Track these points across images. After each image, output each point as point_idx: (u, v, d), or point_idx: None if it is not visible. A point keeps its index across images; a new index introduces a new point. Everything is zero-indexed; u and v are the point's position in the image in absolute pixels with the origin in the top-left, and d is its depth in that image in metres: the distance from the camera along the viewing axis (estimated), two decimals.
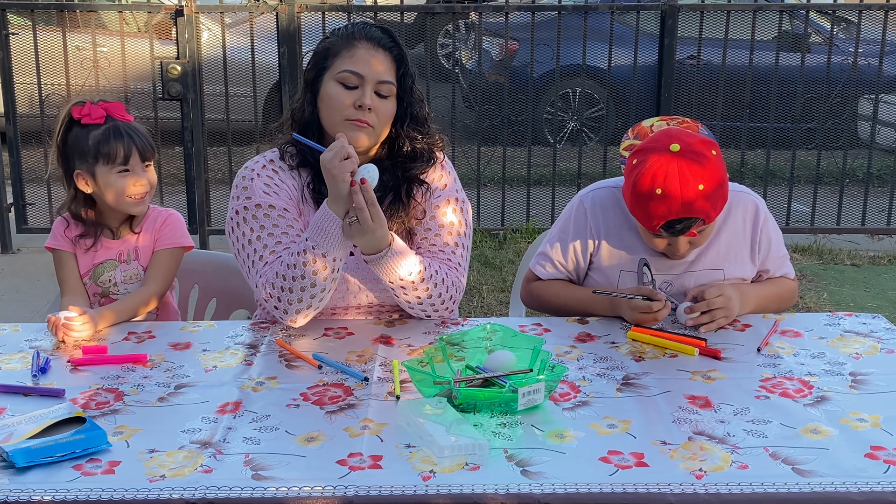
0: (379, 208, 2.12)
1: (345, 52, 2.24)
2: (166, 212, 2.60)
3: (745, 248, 2.40)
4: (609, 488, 1.56)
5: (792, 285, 2.50)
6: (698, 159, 2.16)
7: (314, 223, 2.17)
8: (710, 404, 1.85)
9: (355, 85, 2.22)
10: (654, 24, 5.92)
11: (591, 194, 2.46)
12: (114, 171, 2.43)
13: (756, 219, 2.41)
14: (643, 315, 2.24)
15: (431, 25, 6.54)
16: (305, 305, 2.20)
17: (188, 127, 5.52)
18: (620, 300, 2.28)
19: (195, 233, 5.68)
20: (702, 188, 2.15)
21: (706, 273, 2.37)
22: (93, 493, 1.55)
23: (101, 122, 2.45)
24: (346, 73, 2.22)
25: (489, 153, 6.24)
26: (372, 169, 2.12)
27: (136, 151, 2.45)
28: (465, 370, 1.96)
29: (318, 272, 2.16)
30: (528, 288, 2.54)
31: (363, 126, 2.22)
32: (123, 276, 2.51)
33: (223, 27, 5.60)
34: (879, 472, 1.61)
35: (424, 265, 2.25)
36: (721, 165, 2.21)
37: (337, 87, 2.23)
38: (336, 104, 2.23)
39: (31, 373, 2.01)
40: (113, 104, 2.49)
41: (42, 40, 5.66)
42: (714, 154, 2.20)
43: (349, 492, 1.54)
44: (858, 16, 5.93)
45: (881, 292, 5.13)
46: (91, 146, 2.43)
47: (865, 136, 6.62)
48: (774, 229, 2.44)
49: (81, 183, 2.46)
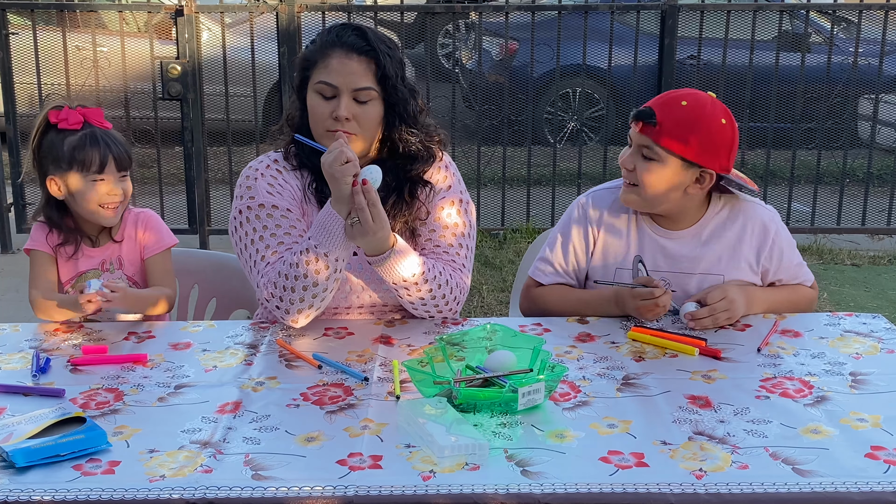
0: (381, 209, 2.12)
1: (320, 63, 2.23)
2: (143, 214, 2.53)
3: (750, 258, 2.38)
4: (609, 488, 1.56)
5: (808, 293, 2.47)
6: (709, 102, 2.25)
7: (317, 222, 2.17)
8: (710, 404, 1.85)
9: (332, 95, 2.22)
10: (654, 23, 5.92)
11: (591, 195, 2.47)
12: (87, 178, 2.37)
13: (765, 233, 2.38)
14: (645, 302, 2.23)
15: (431, 25, 6.53)
16: (307, 305, 2.20)
17: (188, 127, 5.52)
18: (624, 295, 2.28)
19: (195, 233, 5.68)
20: (684, 104, 2.23)
21: (705, 277, 2.36)
22: (93, 493, 1.55)
23: (78, 127, 2.38)
24: (321, 85, 2.22)
25: (489, 153, 6.24)
26: (375, 170, 2.12)
27: (112, 160, 2.38)
28: (465, 370, 1.96)
29: (320, 272, 2.16)
30: (528, 295, 2.50)
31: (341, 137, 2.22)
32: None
33: (223, 27, 5.59)
34: (879, 472, 1.61)
35: (427, 266, 2.25)
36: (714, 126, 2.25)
37: (316, 97, 2.23)
38: (316, 116, 2.24)
39: (31, 373, 2.01)
40: (91, 110, 2.42)
41: (42, 40, 5.65)
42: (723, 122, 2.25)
43: (349, 492, 1.54)
44: (858, 16, 5.93)
45: (881, 292, 5.13)
46: (66, 152, 2.36)
47: (865, 136, 6.62)
48: (787, 242, 2.42)
49: (53, 188, 2.40)
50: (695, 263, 2.36)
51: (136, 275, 2.51)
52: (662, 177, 2.26)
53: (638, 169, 2.27)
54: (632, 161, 2.29)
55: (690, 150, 2.22)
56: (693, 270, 2.37)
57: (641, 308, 2.24)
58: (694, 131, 2.22)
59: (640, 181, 2.28)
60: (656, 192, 2.28)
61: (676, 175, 2.26)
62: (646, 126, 2.24)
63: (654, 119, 2.22)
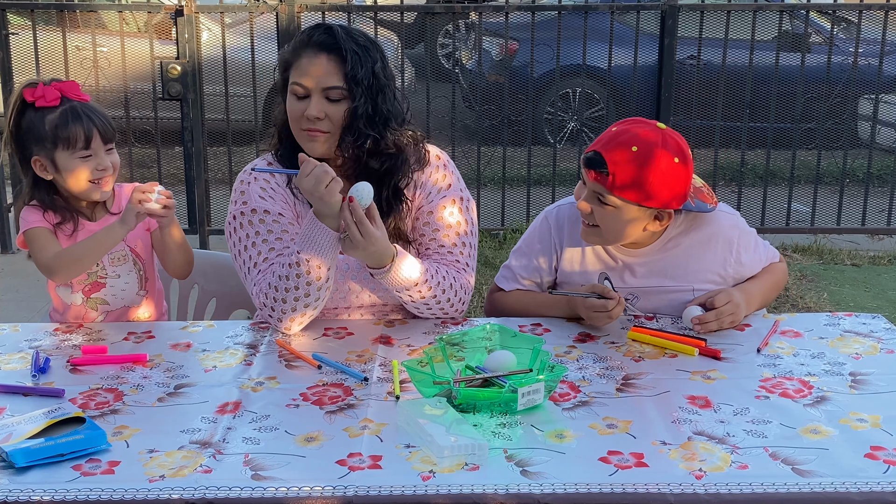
0: (368, 224, 2.11)
1: (294, 64, 2.25)
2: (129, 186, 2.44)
3: (716, 267, 2.36)
4: (609, 488, 1.56)
5: (781, 266, 2.50)
6: (659, 143, 2.16)
7: (303, 233, 2.18)
8: (709, 404, 1.85)
9: (304, 95, 2.23)
10: (654, 24, 5.92)
11: (556, 210, 2.46)
12: (75, 155, 2.28)
13: (728, 242, 2.36)
14: (598, 314, 2.23)
15: (431, 25, 6.54)
16: (299, 313, 2.21)
17: (188, 127, 5.52)
18: (577, 300, 2.28)
19: (195, 233, 5.68)
20: (634, 150, 2.14)
21: (672, 289, 2.35)
22: (92, 493, 1.55)
23: (56, 104, 2.29)
24: (294, 86, 2.24)
25: (489, 153, 6.24)
26: (363, 187, 2.11)
27: (97, 133, 2.29)
28: (464, 370, 1.96)
29: (310, 282, 2.18)
30: (490, 299, 2.53)
31: (315, 136, 2.23)
32: (111, 259, 2.41)
33: (223, 27, 5.60)
34: (879, 472, 1.61)
35: (431, 272, 2.25)
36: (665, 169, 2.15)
37: (291, 98, 2.25)
38: (291, 116, 2.26)
39: (31, 373, 2.01)
40: (67, 83, 2.33)
41: (42, 40, 5.65)
42: (676, 161, 2.16)
43: (349, 492, 1.54)
44: (858, 16, 5.93)
45: (881, 292, 5.13)
46: (48, 131, 2.27)
47: (865, 136, 6.62)
48: (749, 239, 2.40)
49: (39, 169, 2.31)
50: (660, 278, 2.35)
51: (139, 246, 2.45)
52: (620, 219, 2.24)
53: (595, 212, 2.25)
54: (588, 205, 2.26)
55: (645, 197, 2.18)
56: (660, 284, 2.35)
57: (593, 318, 2.24)
58: (647, 179, 2.15)
59: (598, 223, 2.27)
60: (616, 233, 2.27)
61: (634, 217, 2.23)
62: (598, 175, 2.20)
63: (606, 170, 2.17)
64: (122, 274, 2.43)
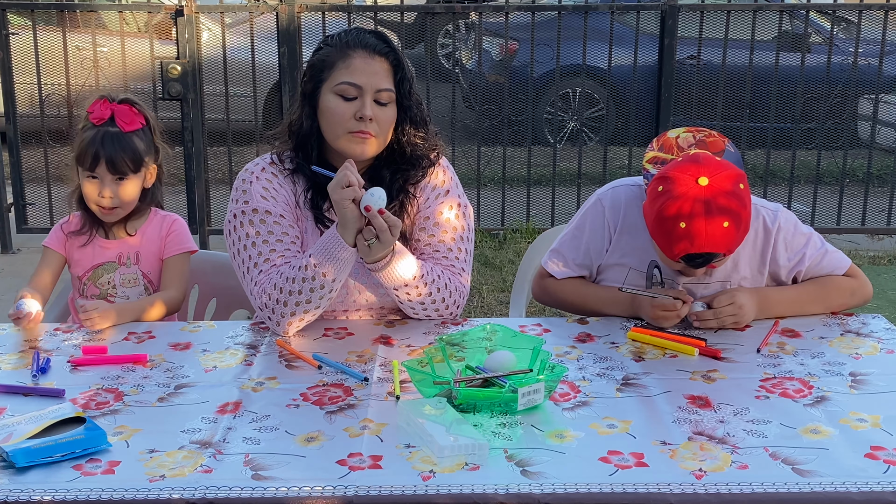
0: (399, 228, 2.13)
1: (340, 63, 2.23)
2: (170, 217, 2.60)
3: (754, 261, 2.36)
4: (609, 488, 1.56)
5: (841, 281, 2.40)
6: (726, 197, 2.11)
7: (321, 244, 2.17)
8: (710, 404, 1.85)
9: (354, 96, 2.21)
10: (654, 24, 5.92)
11: (611, 192, 2.43)
12: (84, 174, 2.45)
13: (766, 234, 2.35)
14: (664, 313, 2.22)
15: (431, 25, 6.53)
16: (298, 318, 2.21)
17: (188, 127, 5.52)
18: (643, 300, 2.27)
19: (195, 233, 5.67)
20: (726, 225, 2.10)
21: (716, 284, 2.34)
22: (93, 493, 1.55)
23: (100, 122, 2.44)
24: (344, 86, 2.21)
25: (489, 153, 6.24)
26: (377, 192, 2.10)
27: (103, 161, 2.42)
28: (464, 370, 1.96)
29: (314, 290, 2.17)
30: (542, 284, 2.50)
31: (366, 137, 2.22)
32: (122, 279, 2.51)
33: (223, 27, 5.60)
34: (879, 472, 1.61)
35: (426, 270, 2.25)
36: (747, 200, 2.16)
37: (336, 99, 2.22)
38: (337, 117, 2.22)
39: (31, 373, 2.01)
40: (121, 108, 2.45)
41: (42, 40, 5.65)
42: (741, 188, 2.15)
43: (349, 492, 1.54)
44: (858, 16, 5.94)
45: (881, 292, 5.13)
46: (77, 143, 2.45)
47: (865, 136, 6.62)
48: (796, 234, 2.37)
49: (74, 174, 2.49)
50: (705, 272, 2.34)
51: (152, 273, 2.55)
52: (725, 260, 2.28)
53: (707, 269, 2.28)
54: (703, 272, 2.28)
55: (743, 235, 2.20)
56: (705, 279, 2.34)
57: (658, 316, 2.23)
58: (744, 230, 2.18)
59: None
60: None
61: None
62: (716, 261, 2.21)
63: (720, 256, 2.18)
64: (131, 296, 2.52)
